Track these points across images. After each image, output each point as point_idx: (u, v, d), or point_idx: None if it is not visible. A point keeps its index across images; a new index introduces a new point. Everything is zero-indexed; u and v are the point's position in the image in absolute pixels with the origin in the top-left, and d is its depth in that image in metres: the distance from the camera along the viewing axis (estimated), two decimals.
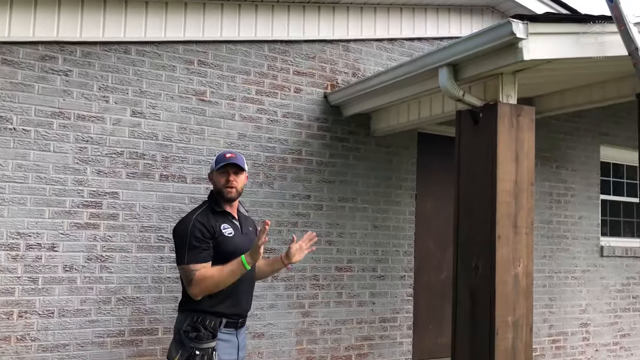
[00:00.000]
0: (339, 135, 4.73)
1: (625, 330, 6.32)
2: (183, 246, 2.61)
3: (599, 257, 6.16)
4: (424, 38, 5.21)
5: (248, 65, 4.38)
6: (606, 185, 6.45)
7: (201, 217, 2.70)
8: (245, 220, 2.95)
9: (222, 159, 2.80)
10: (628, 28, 3.09)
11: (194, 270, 2.56)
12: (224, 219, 2.78)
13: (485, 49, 3.11)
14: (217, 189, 2.80)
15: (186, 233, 2.62)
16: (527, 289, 3.42)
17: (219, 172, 2.79)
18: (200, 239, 2.61)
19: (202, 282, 2.54)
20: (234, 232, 2.76)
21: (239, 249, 2.68)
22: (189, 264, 2.57)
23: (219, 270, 2.57)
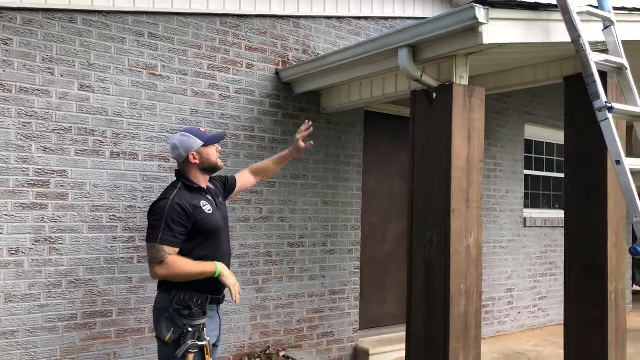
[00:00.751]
0: (290, 112, 4.75)
1: (542, 293, 6.93)
2: (158, 226, 2.56)
3: (522, 228, 6.68)
4: (371, 17, 5.31)
5: (200, 39, 4.27)
6: (528, 161, 6.97)
7: (179, 197, 2.65)
8: (215, 195, 2.93)
9: (206, 134, 2.85)
10: (572, 17, 3.34)
11: (166, 253, 2.54)
12: (201, 195, 2.77)
13: (446, 32, 3.24)
14: (211, 162, 2.82)
15: (163, 212, 2.57)
16: (477, 258, 3.68)
17: (207, 147, 2.82)
18: (177, 222, 2.57)
19: (171, 268, 2.54)
20: (212, 208, 2.75)
21: (219, 224, 2.75)
22: (163, 245, 2.54)
23: (192, 266, 2.59)
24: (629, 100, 3.57)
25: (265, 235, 4.58)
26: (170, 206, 2.58)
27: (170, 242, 2.55)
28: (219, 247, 2.76)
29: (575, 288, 4.24)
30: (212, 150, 2.84)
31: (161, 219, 2.56)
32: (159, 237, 2.54)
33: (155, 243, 2.55)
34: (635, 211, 3.09)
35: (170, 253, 2.55)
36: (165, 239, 2.54)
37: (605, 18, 3.65)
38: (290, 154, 3.41)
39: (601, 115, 3.25)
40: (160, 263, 2.54)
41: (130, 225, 3.92)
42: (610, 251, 4.08)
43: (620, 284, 4.19)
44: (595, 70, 3.29)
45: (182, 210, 2.59)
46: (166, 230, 2.55)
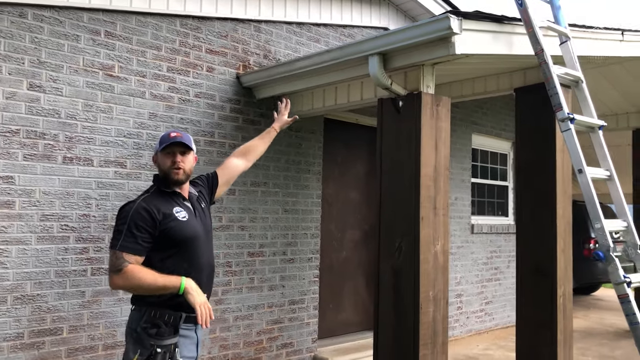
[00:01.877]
0: (251, 117, 4.64)
1: (489, 298, 7.15)
2: (120, 231, 2.34)
3: (470, 234, 6.87)
4: (330, 25, 5.30)
5: (159, 40, 4.08)
6: (474, 169, 7.19)
7: (147, 201, 2.42)
8: (197, 201, 2.69)
9: (167, 138, 2.55)
10: (535, 31, 3.46)
11: (126, 261, 2.29)
12: (175, 201, 2.53)
13: (419, 40, 3.27)
14: (163, 171, 2.55)
15: (126, 217, 2.35)
16: (444, 265, 3.72)
17: (164, 153, 2.54)
18: (140, 227, 2.34)
19: (129, 278, 2.28)
20: (187, 215, 2.51)
21: (195, 233, 2.50)
22: (122, 252, 2.30)
23: (154, 278, 2.30)
24: (585, 111, 3.75)
25: (225, 245, 4.43)
26: (135, 210, 2.36)
27: (131, 249, 2.31)
28: (195, 259, 2.49)
29: (526, 292, 4.38)
30: (167, 159, 2.53)
31: (124, 223, 2.34)
32: (119, 243, 2.31)
33: (115, 250, 2.33)
34: (597, 218, 3.23)
35: (131, 262, 2.30)
36: (125, 245, 2.31)
37: (562, 33, 3.82)
38: (276, 127, 3.35)
39: (564, 126, 3.38)
40: (118, 272, 2.29)
41: (83, 235, 3.66)
42: (559, 256, 4.25)
43: (567, 287, 4.37)
44: (558, 82, 3.43)
45: (148, 215, 2.36)
46: (128, 236, 2.32)
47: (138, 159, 3.94)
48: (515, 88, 4.71)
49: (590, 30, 4.27)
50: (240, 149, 3.19)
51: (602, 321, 7.82)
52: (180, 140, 2.55)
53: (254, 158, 3.23)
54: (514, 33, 3.65)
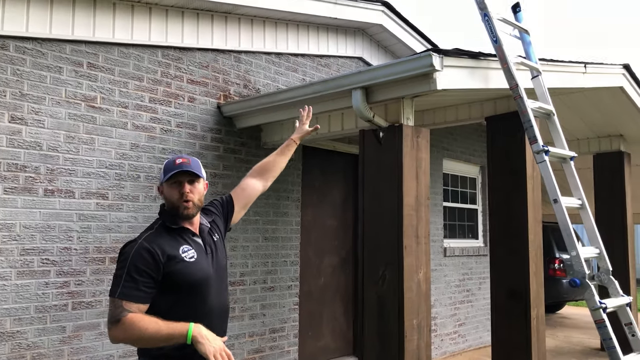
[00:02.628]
0: (232, 146, 4.67)
1: (461, 320, 7.28)
2: (119, 275, 2.05)
3: (443, 257, 7.01)
4: (307, 55, 5.40)
5: (141, 70, 4.09)
6: (446, 193, 7.38)
7: (150, 240, 2.10)
8: (209, 234, 2.31)
9: (172, 166, 2.20)
10: (510, 67, 3.64)
11: (125, 310, 1.97)
12: (182, 238, 2.19)
13: (401, 76, 3.40)
14: (171, 205, 2.20)
15: (126, 259, 2.05)
16: (426, 293, 3.80)
17: (169, 183, 2.19)
18: (141, 271, 2.03)
19: (130, 330, 1.96)
20: (196, 255, 2.16)
21: (205, 275, 2.15)
22: (122, 299, 1.99)
23: (156, 328, 1.96)
24: (557, 143, 3.94)
25: None
26: (135, 252, 2.05)
27: (131, 296, 1.99)
28: (204, 303, 2.15)
29: (501, 315, 4.51)
30: (174, 190, 2.19)
31: (124, 267, 2.04)
32: (118, 290, 2.01)
33: (113, 297, 2.02)
34: (572, 246, 3.38)
35: (132, 310, 1.98)
36: (125, 292, 1.99)
37: (534, 68, 4.02)
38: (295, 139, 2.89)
39: (539, 158, 3.54)
40: (116, 322, 1.97)
41: (64, 269, 3.59)
42: (532, 279, 4.40)
43: (540, 309, 4.52)
44: (532, 116, 3.60)
45: (150, 256, 2.04)
46: (128, 281, 2.01)
47: (120, 190, 3.91)
48: (486, 117, 4.89)
49: (558, 63, 4.51)
50: (257, 167, 2.75)
51: (570, 339, 8.06)
52: (187, 168, 2.19)
53: (273, 176, 2.79)
54: (489, 68, 3.83)
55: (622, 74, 5.63)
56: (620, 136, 6.89)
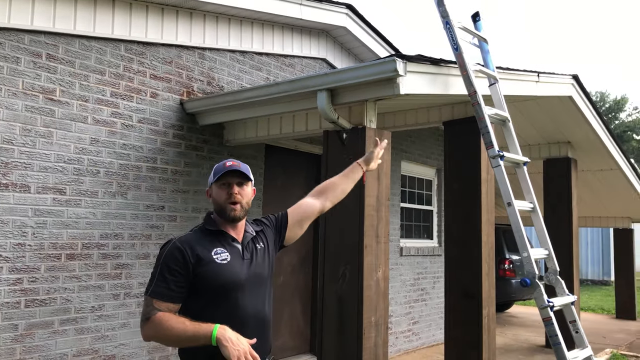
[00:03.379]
0: (193, 143, 4.64)
1: (416, 318, 7.46)
2: (153, 274, 2.05)
3: (399, 257, 7.17)
4: (272, 54, 5.42)
5: (103, 64, 4.02)
6: (403, 194, 7.54)
7: (182, 241, 2.08)
8: (252, 241, 2.25)
9: (221, 168, 2.18)
10: (469, 74, 3.78)
11: (155, 309, 1.97)
12: (219, 241, 2.13)
13: (366, 80, 3.47)
14: (219, 206, 2.17)
15: (160, 259, 2.05)
16: (385, 291, 3.90)
17: (218, 184, 2.16)
18: (173, 271, 2.00)
19: (158, 328, 1.95)
20: (229, 258, 2.10)
21: (237, 279, 2.08)
22: (152, 298, 1.99)
23: (183, 328, 1.93)
24: (511, 148, 4.11)
25: None
26: (168, 251, 2.04)
27: (162, 295, 1.98)
28: (236, 308, 2.08)
29: (454, 314, 4.66)
30: (222, 192, 2.15)
31: (157, 266, 2.04)
32: (150, 288, 2.01)
33: (146, 295, 2.02)
34: (524, 247, 3.54)
35: (161, 309, 1.96)
36: (156, 290, 1.99)
37: (491, 76, 4.18)
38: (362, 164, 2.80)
39: (494, 162, 3.69)
40: (146, 320, 1.97)
41: (17, 265, 3.50)
42: (484, 280, 4.57)
43: (491, 308, 4.70)
44: (489, 122, 3.75)
45: (180, 255, 2.02)
46: (160, 280, 2.01)
47: (78, 185, 3.83)
48: (444, 121, 5.03)
49: (513, 72, 4.70)
50: (318, 187, 2.68)
51: (517, 337, 8.38)
52: (237, 169, 2.16)
53: (335, 196, 2.68)
54: (449, 75, 3.96)
55: (571, 84, 5.91)
56: (568, 143, 7.22)
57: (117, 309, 4.02)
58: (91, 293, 3.88)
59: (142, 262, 4.20)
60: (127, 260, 4.10)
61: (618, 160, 7.63)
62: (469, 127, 4.48)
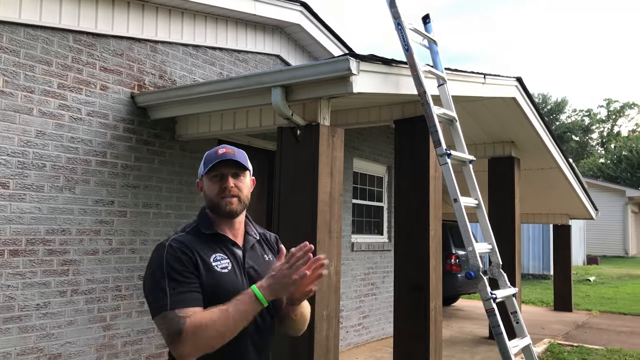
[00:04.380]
0: (144, 138, 4.57)
1: (366, 312, 7.61)
2: (158, 284, 1.65)
3: (351, 252, 7.29)
4: (225, 49, 5.40)
5: (50, 55, 3.90)
6: (355, 191, 7.66)
7: (183, 240, 1.75)
8: (255, 248, 1.92)
9: (212, 156, 1.85)
10: (419, 74, 3.90)
11: (182, 318, 1.59)
12: (217, 245, 1.81)
13: (320, 78, 3.53)
14: (211, 202, 1.85)
15: (160, 264, 1.68)
16: (336, 285, 3.98)
17: (210, 176, 1.84)
18: (181, 272, 1.67)
19: (197, 335, 1.59)
20: (230, 266, 1.78)
21: (236, 290, 1.71)
22: (174, 309, 1.61)
23: (221, 313, 1.61)
24: (458, 147, 4.27)
25: (115, 269, 4.29)
26: (168, 254, 1.69)
27: (183, 301, 1.63)
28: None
29: (403, 307, 4.80)
30: (214, 184, 1.84)
31: (162, 275, 1.66)
32: (166, 301, 1.62)
33: (165, 312, 1.61)
34: (469, 242, 3.70)
35: (189, 315, 1.61)
36: (174, 300, 1.62)
37: (440, 77, 4.33)
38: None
39: (442, 160, 3.83)
40: (178, 337, 1.58)
41: None
42: (431, 273, 4.74)
43: (438, 301, 4.88)
44: (437, 121, 3.88)
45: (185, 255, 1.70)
46: (173, 287, 1.64)
47: (23, 179, 3.71)
48: (395, 119, 5.17)
49: (461, 73, 4.87)
50: None
51: (462, 330, 8.69)
52: (231, 157, 1.83)
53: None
54: (400, 75, 4.07)
55: (515, 86, 6.18)
56: (511, 142, 7.54)
57: (63, 306, 3.93)
58: (36, 290, 3.77)
59: (91, 257, 4.12)
60: (75, 257, 4.00)
61: (558, 160, 8.03)
62: (419, 125, 4.62)
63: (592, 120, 54.81)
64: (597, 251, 27.19)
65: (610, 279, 17.10)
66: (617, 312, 10.79)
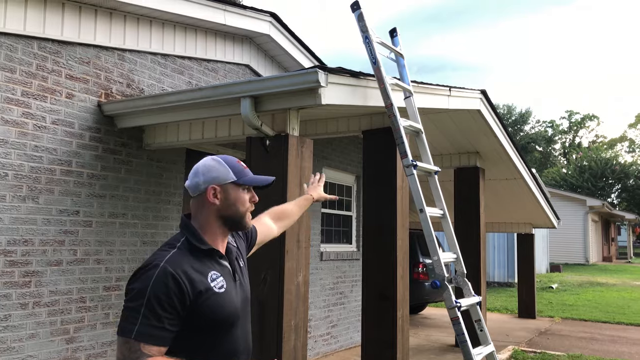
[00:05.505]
0: (111, 147, 4.52)
1: (334, 322, 7.64)
2: (134, 309, 1.56)
3: (319, 261, 7.31)
4: (194, 58, 5.39)
5: (14, 61, 3.83)
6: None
7: (175, 265, 1.62)
8: (236, 259, 1.88)
9: (241, 168, 1.82)
10: (386, 87, 3.98)
11: (144, 355, 1.54)
12: (211, 263, 1.74)
13: (289, 89, 3.56)
14: (236, 214, 1.78)
15: (146, 289, 1.56)
16: (305, 295, 4.00)
17: (242, 187, 1.79)
18: (166, 306, 1.57)
19: None
20: (225, 284, 1.73)
21: (235, 309, 1.73)
22: (139, 341, 1.54)
23: None
24: (424, 158, 4.36)
25: (79, 280, 4.21)
26: (157, 279, 1.57)
27: (153, 337, 1.55)
28: (233, 345, 1.74)
29: (371, 315, 4.85)
30: (245, 196, 1.80)
31: (141, 297, 1.56)
32: (134, 330, 1.54)
33: (128, 338, 1.54)
34: (434, 251, 3.78)
35: (152, 354, 1.55)
36: (143, 332, 1.54)
37: (406, 89, 4.42)
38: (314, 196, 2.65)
39: (408, 171, 3.91)
40: None
41: None
42: (399, 282, 4.81)
43: (405, 310, 4.95)
44: (404, 133, 3.96)
45: (177, 287, 1.59)
46: (147, 317, 1.55)
47: None
48: (363, 130, 5.24)
49: (427, 86, 4.98)
50: (276, 210, 2.44)
51: (429, 338, 8.80)
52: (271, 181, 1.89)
53: (287, 225, 2.49)
54: (368, 87, 4.14)
55: (479, 99, 6.34)
56: (477, 153, 7.72)
57: (25, 319, 3.83)
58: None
59: (54, 269, 4.03)
60: (38, 268, 3.92)
61: (521, 170, 8.25)
62: (386, 137, 4.71)
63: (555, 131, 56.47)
64: (560, 259, 27.92)
65: (572, 286, 17.58)
66: (578, 319, 11.10)
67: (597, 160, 40.92)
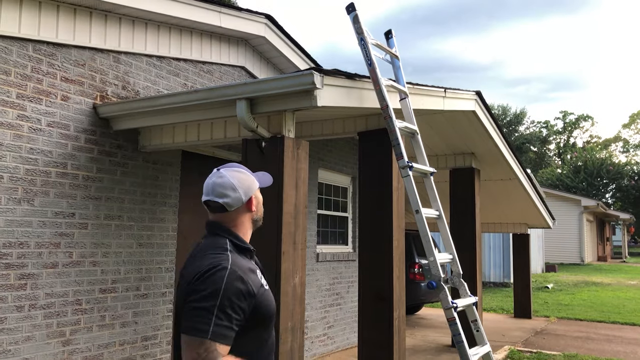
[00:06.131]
0: (107, 149, 4.51)
1: (331, 323, 7.65)
2: (209, 310, 1.60)
3: (316, 262, 7.32)
4: (190, 60, 5.39)
5: (8, 64, 3.82)
6: (320, 201, 7.72)
7: (241, 266, 1.72)
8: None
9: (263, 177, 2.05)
10: (382, 89, 3.99)
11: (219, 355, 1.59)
12: (253, 262, 1.89)
13: (285, 91, 3.57)
14: (261, 214, 2.00)
15: (219, 289, 1.63)
16: (301, 296, 4.00)
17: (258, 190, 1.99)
18: (236, 307, 1.64)
19: None
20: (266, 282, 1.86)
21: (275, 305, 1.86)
22: (215, 341, 1.59)
23: None
24: (419, 159, 4.37)
25: (75, 282, 4.20)
26: (229, 281, 1.65)
27: (226, 337, 1.61)
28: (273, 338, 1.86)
29: (367, 316, 4.86)
30: (260, 196, 2.02)
31: (215, 298, 1.61)
32: (209, 330, 1.58)
33: (204, 338, 1.58)
34: (430, 252, 3.79)
35: (224, 354, 1.61)
36: (218, 332, 1.59)
37: (402, 91, 4.44)
38: None
39: (404, 172, 3.92)
40: None
41: None
42: (395, 283, 4.82)
43: (401, 310, 4.96)
44: (399, 135, 3.98)
45: (245, 289, 1.68)
46: (222, 318, 1.61)
47: None
48: (359, 132, 5.25)
49: (422, 88, 5.00)
50: None
51: (426, 338, 8.81)
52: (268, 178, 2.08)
53: None
54: (363, 89, 4.16)
55: (474, 100, 6.37)
56: (472, 154, 7.74)
57: (21, 321, 3.82)
58: None
59: (50, 271, 4.03)
60: (33, 270, 3.91)
61: (516, 171, 8.28)
62: (382, 138, 4.72)
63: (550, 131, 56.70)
64: (555, 259, 28.02)
65: (567, 286, 17.65)
66: (574, 318, 11.15)
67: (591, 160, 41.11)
